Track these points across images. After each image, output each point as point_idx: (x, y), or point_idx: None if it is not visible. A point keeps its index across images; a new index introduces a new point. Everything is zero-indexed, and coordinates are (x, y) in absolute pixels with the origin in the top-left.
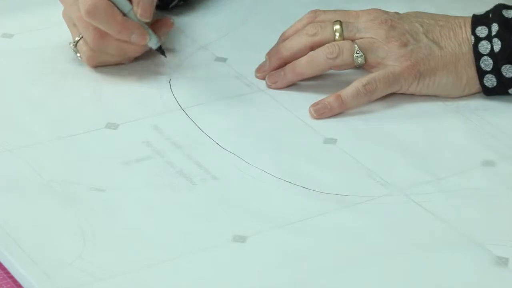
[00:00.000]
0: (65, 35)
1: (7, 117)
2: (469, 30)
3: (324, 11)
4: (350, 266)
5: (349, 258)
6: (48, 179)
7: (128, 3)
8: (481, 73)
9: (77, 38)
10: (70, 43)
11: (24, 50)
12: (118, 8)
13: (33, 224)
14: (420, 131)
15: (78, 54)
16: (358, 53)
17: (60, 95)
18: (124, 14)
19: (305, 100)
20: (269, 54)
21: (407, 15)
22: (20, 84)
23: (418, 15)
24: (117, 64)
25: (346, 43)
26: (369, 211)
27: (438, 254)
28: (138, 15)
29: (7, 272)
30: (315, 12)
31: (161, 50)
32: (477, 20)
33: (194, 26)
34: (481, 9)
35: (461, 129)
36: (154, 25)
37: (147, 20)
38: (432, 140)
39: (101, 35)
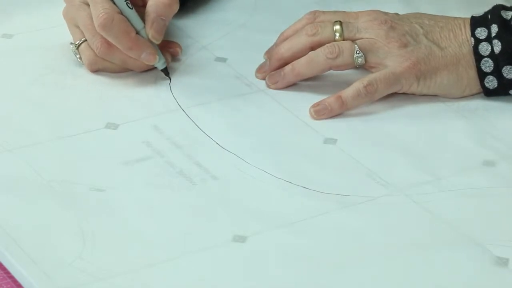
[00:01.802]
0: (65, 35)
1: (7, 117)
2: (468, 31)
3: (323, 12)
4: (350, 266)
5: (349, 258)
6: (48, 179)
7: (141, 21)
8: (481, 75)
9: (78, 41)
10: (71, 44)
11: (24, 50)
12: (131, 24)
13: (33, 224)
14: (420, 131)
15: (78, 56)
16: (358, 53)
17: (60, 95)
18: (137, 32)
19: (305, 100)
20: (269, 55)
21: (406, 16)
22: (20, 84)
23: (418, 16)
24: (116, 72)
25: (346, 43)
26: (369, 211)
27: (438, 254)
28: (150, 36)
29: (7, 272)
30: (315, 13)
31: (166, 72)
32: (476, 22)
33: (194, 26)
34: (480, 9)
35: (461, 129)
36: (162, 46)
37: (158, 42)
38: (432, 140)
39: (109, 45)
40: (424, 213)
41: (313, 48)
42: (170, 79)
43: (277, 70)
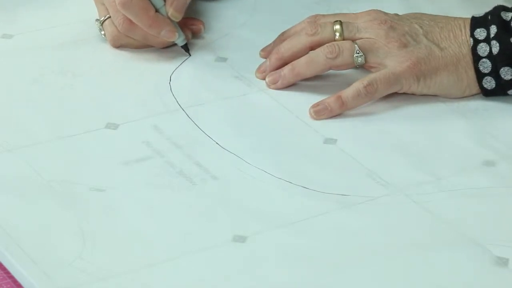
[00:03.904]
0: (65, 35)
1: (7, 117)
2: (468, 31)
3: (324, 15)
4: (350, 266)
5: (349, 258)
6: (48, 179)
7: None
8: (480, 75)
9: (103, 18)
10: (96, 20)
11: (24, 50)
12: (151, 2)
13: (33, 224)
14: (420, 131)
15: (103, 32)
16: (358, 53)
17: (60, 95)
18: (156, 9)
19: (305, 100)
20: (266, 53)
21: (406, 16)
22: (20, 84)
23: (418, 17)
24: (139, 48)
25: (346, 43)
26: (369, 211)
27: (438, 254)
28: (169, 14)
29: (7, 272)
30: (315, 16)
31: (186, 48)
32: (476, 22)
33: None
34: (482, 10)
35: (461, 129)
36: (184, 22)
37: (177, 20)
38: (432, 140)
39: (130, 22)
40: (424, 213)
41: (313, 48)
42: (190, 55)
43: (277, 70)
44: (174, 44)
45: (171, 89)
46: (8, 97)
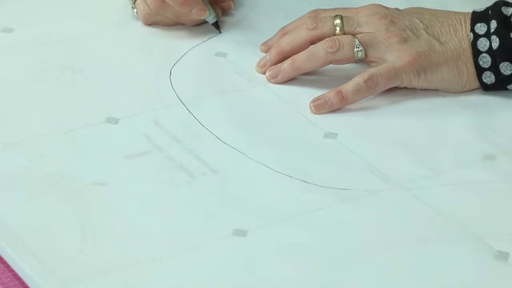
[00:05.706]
0: (65, 30)
1: (7, 112)
2: (469, 26)
3: (324, 9)
4: (350, 260)
5: (349, 252)
6: (48, 173)
7: None
8: (479, 70)
9: None
10: None
11: (25, 44)
12: None
13: (33, 218)
14: (420, 125)
15: (135, 10)
16: (358, 48)
17: (60, 90)
18: None
19: (305, 94)
20: (267, 48)
21: (407, 11)
22: (21, 79)
23: (419, 11)
24: (170, 25)
25: (347, 38)
26: (369, 206)
27: (438, 249)
28: None
29: (7, 266)
30: (316, 10)
31: (216, 25)
32: (477, 17)
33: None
34: (481, 4)
35: (462, 124)
36: (214, 0)
37: None
38: (432, 134)
39: (162, 0)
40: (424, 207)
41: (313, 42)
42: (220, 32)
43: (277, 65)
44: (205, 22)
45: (171, 83)
46: (9, 91)
